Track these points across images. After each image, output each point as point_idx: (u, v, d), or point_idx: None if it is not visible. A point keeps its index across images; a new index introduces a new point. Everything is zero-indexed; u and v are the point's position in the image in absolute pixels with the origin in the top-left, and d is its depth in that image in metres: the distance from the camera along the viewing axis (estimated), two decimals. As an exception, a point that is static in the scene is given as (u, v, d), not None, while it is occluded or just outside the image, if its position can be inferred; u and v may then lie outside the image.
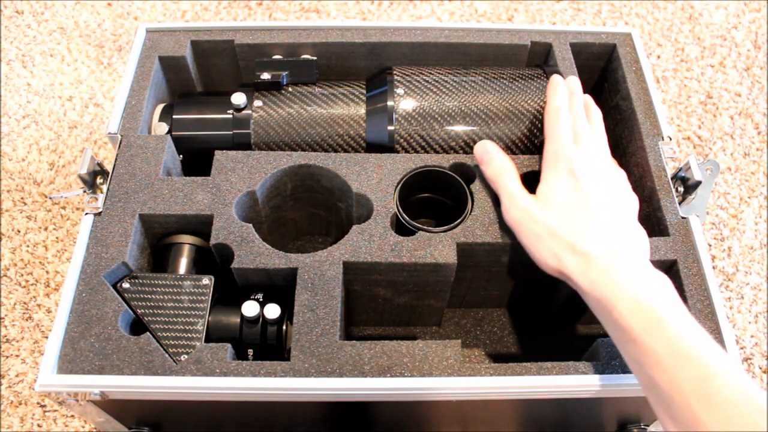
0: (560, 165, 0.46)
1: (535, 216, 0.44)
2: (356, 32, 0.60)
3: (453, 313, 0.61)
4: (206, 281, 0.47)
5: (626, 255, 0.41)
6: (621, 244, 0.42)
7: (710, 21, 0.89)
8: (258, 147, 0.55)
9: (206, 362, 0.42)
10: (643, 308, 0.38)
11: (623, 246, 0.42)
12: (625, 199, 0.46)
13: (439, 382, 0.42)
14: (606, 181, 0.45)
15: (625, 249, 0.42)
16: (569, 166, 0.45)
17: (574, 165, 0.45)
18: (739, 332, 0.64)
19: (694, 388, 0.34)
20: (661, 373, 0.36)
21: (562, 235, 0.43)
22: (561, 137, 0.47)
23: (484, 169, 0.49)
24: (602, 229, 0.43)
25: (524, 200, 0.46)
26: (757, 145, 0.77)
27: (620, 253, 0.41)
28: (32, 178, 0.72)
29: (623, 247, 0.42)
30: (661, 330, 0.37)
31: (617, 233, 0.43)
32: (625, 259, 0.41)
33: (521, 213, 0.45)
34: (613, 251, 0.41)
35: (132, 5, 0.89)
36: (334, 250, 0.47)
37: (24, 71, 0.81)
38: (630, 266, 0.40)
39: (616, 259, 0.41)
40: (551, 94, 0.51)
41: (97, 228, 0.48)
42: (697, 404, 0.34)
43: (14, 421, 0.58)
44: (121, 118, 0.54)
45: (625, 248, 0.42)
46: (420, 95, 0.53)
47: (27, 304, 0.64)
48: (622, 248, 0.42)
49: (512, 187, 0.47)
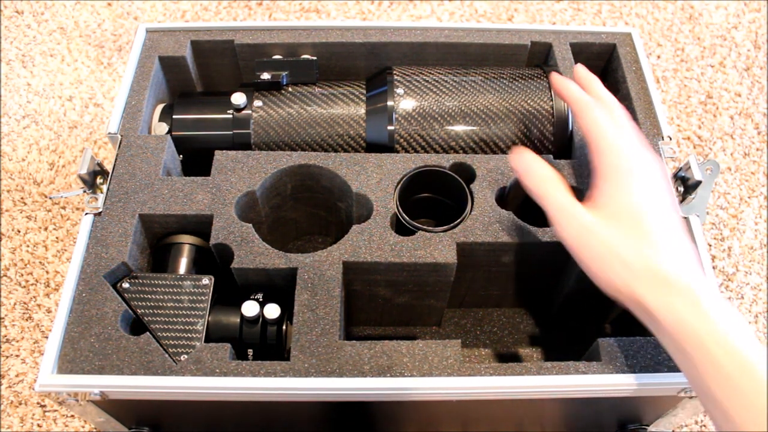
0: (622, 166, 0.39)
1: (598, 234, 0.38)
2: (356, 32, 0.60)
3: (453, 313, 0.61)
4: (206, 281, 0.47)
5: (707, 282, 0.36)
6: (698, 264, 0.36)
7: (710, 21, 0.89)
8: (258, 147, 0.55)
9: (206, 362, 0.42)
10: (735, 350, 0.33)
11: (699, 267, 0.36)
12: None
13: (439, 382, 0.42)
14: (668, 180, 0.40)
15: (701, 271, 0.36)
16: (630, 165, 0.39)
17: (636, 164, 0.39)
18: (739, 332, 0.64)
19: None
20: (746, 408, 0.32)
21: (637, 255, 0.36)
22: (611, 132, 0.41)
23: (523, 180, 0.43)
24: (682, 246, 0.37)
25: (582, 215, 0.39)
26: (757, 145, 0.77)
27: (701, 279, 0.35)
28: (32, 178, 0.72)
29: (700, 269, 0.36)
30: (753, 374, 0.32)
31: (692, 250, 0.37)
32: (708, 287, 0.35)
33: (580, 230, 0.39)
34: (696, 276, 0.35)
35: (132, 5, 0.89)
36: (334, 250, 0.47)
37: (24, 71, 0.81)
38: (714, 296, 0.35)
39: (701, 286, 0.35)
40: (566, 87, 0.45)
41: (97, 228, 0.48)
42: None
43: (14, 421, 0.58)
44: (121, 118, 0.54)
45: (701, 270, 0.36)
46: (420, 95, 0.53)
47: (27, 304, 0.64)
48: (700, 270, 0.36)
49: (562, 199, 0.40)
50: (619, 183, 0.39)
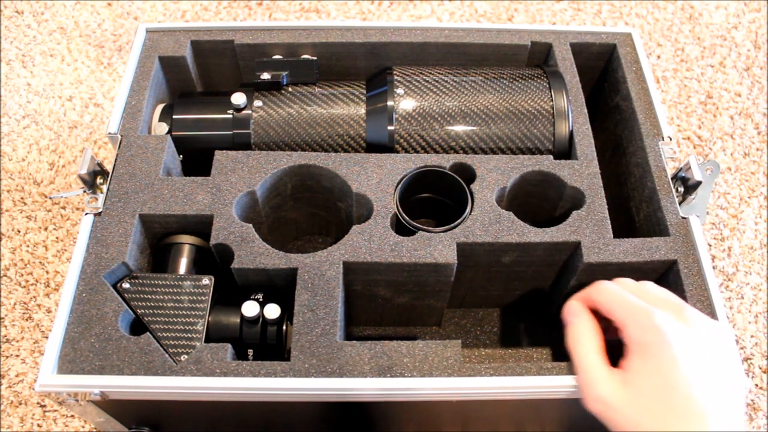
0: (650, 342, 0.36)
1: (619, 410, 0.36)
2: (356, 32, 0.60)
3: (453, 313, 0.61)
4: (206, 281, 0.47)
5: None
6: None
7: (710, 21, 0.89)
8: (258, 147, 0.55)
9: (206, 362, 0.42)
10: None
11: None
12: (734, 381, 0.36)
13: (439, 382, 0.42)
14: (712, 353, 0.36)
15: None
16: (661, 339, 0.36)
17: (669, 338, 0.35)
18: (739, 332, 0.64)
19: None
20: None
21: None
22: (635, 306, 0.38)
23: (566, 328, 0.42)
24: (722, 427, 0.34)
25: (603, 387, 0.37)
26: (757, 145, 0.77)
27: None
28: (32, 178, 0.72)
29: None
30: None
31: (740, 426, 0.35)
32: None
33: (600, 404, 0.37)
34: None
35: (132, 5, 0.89)
36: (334, 250, 0.47)
37: (24, 71, 0.81)
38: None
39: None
40: (589, 291, 0.43)
41: (97, 228, 0.48)
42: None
43: (14, 421, 0.58)
44: (121, 118, 0.54)
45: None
46: (420, 95, 0.53)
47: (27, 304, 0.64)
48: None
49: (589, 365, 0.38)
50: (645, 358, 0.36)
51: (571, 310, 0.43)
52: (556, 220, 0.51)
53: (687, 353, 0.36)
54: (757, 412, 0.59)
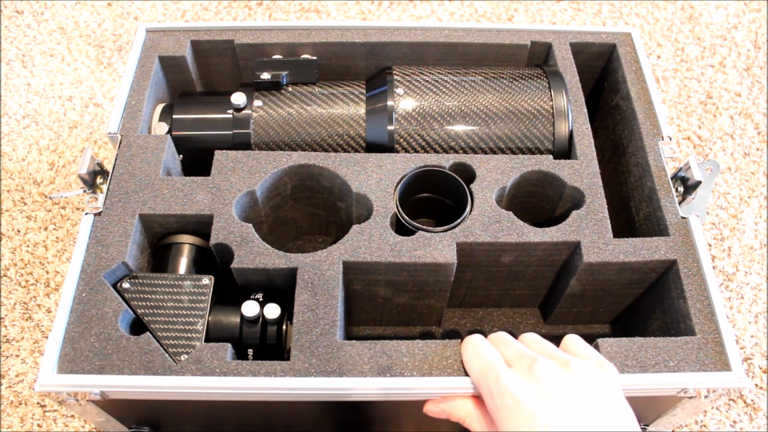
0: (500, 406, 0.35)
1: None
2: (356, 32, 0.60)
3: (453, 313, 0.61)
4: (206, 281, 0.47)
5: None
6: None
7: (710, 21, 0.89)
8: (258, 147, 0.55)
9: (206, 362, 0.42)
10: None
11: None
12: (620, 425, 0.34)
13: (439, 382, 0.42)
14: (595, 397, 0.34)
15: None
16: (511, 401, 0.34)
17: (518, 396, 0.34)
18: (739, 332, 0.64)
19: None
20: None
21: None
22: (485, 366, 0.37)
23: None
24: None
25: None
26: (757, 145, 0.77)
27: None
28: (32, 178, 0.72)
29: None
30: None
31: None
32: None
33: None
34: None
35: (132, 5, 0.89)
36: (334, 250, 0.47)
37: (24, 71, 0.81)
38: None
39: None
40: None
41: (97, 228, 0.48)
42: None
43: (14, 421, 0.58)
44: (121, 118, 0.54)
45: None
46: (420, 95, 0.53)
47: (27, 304, 0.64)
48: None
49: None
50: (503, 426, 0.35)
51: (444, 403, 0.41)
52: (555, 220, 0.51)
53: (548, 402, 0.34)
54: (757, 412, 0.59)
